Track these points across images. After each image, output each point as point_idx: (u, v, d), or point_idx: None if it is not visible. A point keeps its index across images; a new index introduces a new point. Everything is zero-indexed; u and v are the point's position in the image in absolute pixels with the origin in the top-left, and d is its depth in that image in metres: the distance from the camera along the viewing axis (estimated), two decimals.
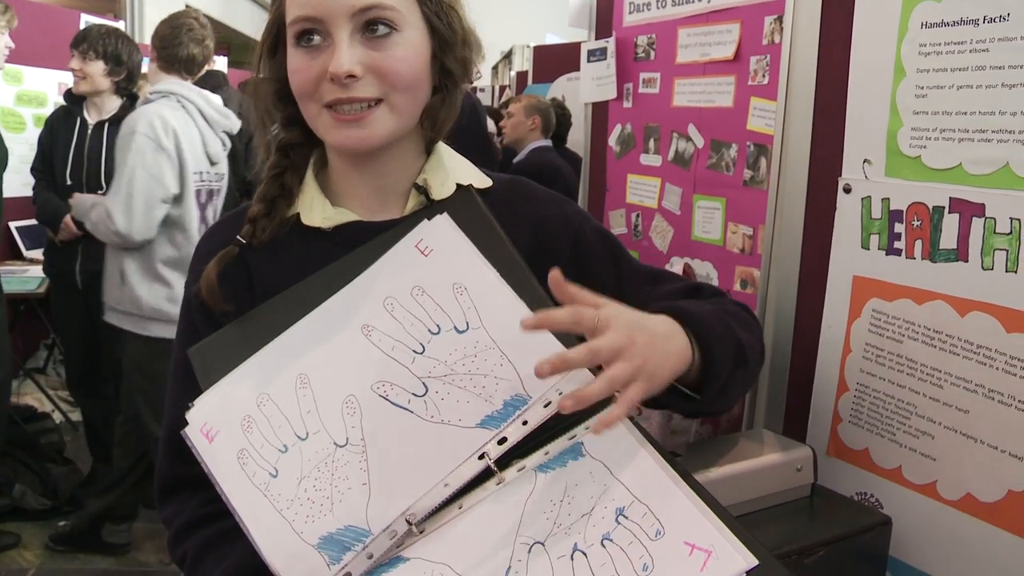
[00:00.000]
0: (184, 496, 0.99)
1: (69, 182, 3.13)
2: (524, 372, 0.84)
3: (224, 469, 0.87)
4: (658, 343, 0.78)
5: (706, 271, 2.59)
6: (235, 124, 2.91)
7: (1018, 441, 1.00)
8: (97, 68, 3.07)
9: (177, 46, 2.76)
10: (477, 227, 0.92)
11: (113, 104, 3.19)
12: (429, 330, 0.87)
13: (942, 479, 1.09)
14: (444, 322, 0.87)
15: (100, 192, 3.09)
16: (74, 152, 3.14)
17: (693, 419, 1.02)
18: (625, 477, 0.77)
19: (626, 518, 0.74)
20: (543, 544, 0.75)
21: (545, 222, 1.02)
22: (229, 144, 2.90)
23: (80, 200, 2.82)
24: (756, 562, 0.67)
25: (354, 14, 0.88)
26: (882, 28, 1.12)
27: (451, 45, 0.96)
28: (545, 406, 0.82)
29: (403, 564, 0.80)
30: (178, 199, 2.63)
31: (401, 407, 0.85)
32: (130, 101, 3.22)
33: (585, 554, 0.73)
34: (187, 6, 6.22)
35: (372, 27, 0.89)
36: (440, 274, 0.89)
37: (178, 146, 2.59)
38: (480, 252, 0.90)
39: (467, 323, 0.87)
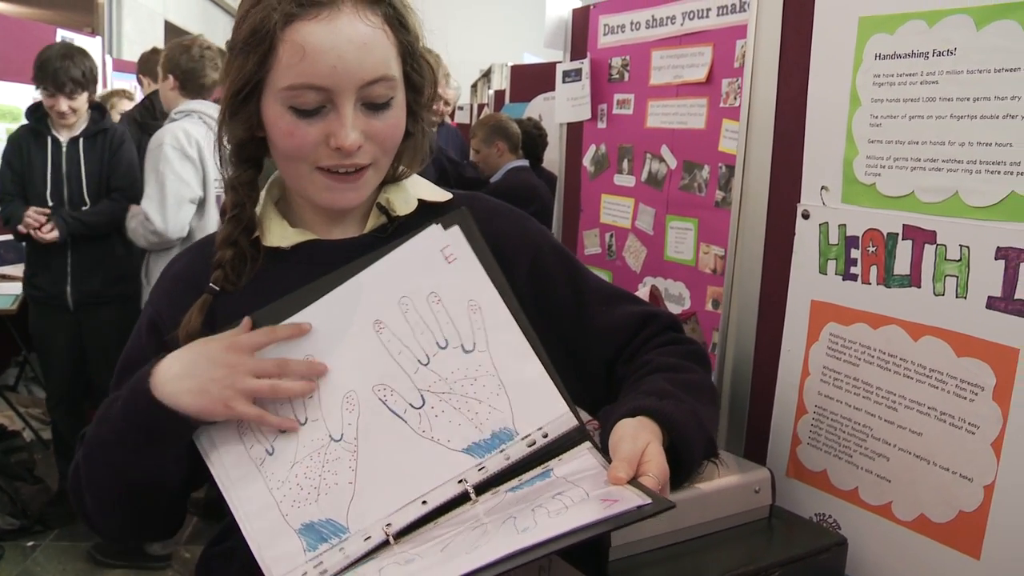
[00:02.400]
0: None
1: (51, 203, 3.13)
2: (516, 407, 0.89)
3: (222, 438, 0.90)
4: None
5: (679, 291, 2.61)
6: None
7: (968, 463, 1.02)
8: (83, 100, 3.15)
9: (203, 77, 3.02)
10: (480, 254, 0.95)
11: (84, 119, 3.20)
12: (437, 343, 0.91)
13: (897, 500, 1.11)
14: (453, 338, 0.91)
15: (83, 208, 3.11)
16: (52, 172, 3.13)
17: None
18: (583, 483, 0.82)
19: (561, 494, 0.80)
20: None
21: (504, 238, 1.04)
22: None
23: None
24: (650, 500, 0.74)
25: (363, 86, 0.90)
26: (838, 58, 1.15)
27: (422, 93, 1.00)
28: (529, 445, 0.88)
29: (372, 560, 0.84)
30: (201, 205, 2.94)
31: (397, 415, 0.89)
32: (99, 113, 3.26)
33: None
34: (166, 22, 6.22)
35: (376, 99, 0.92)
36: (458, 287, 0.92)
37: (201, 155, 2.89)
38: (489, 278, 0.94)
39: (474, 344, 0.91)
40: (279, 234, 1.00)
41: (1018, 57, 0.96)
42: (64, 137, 3.16)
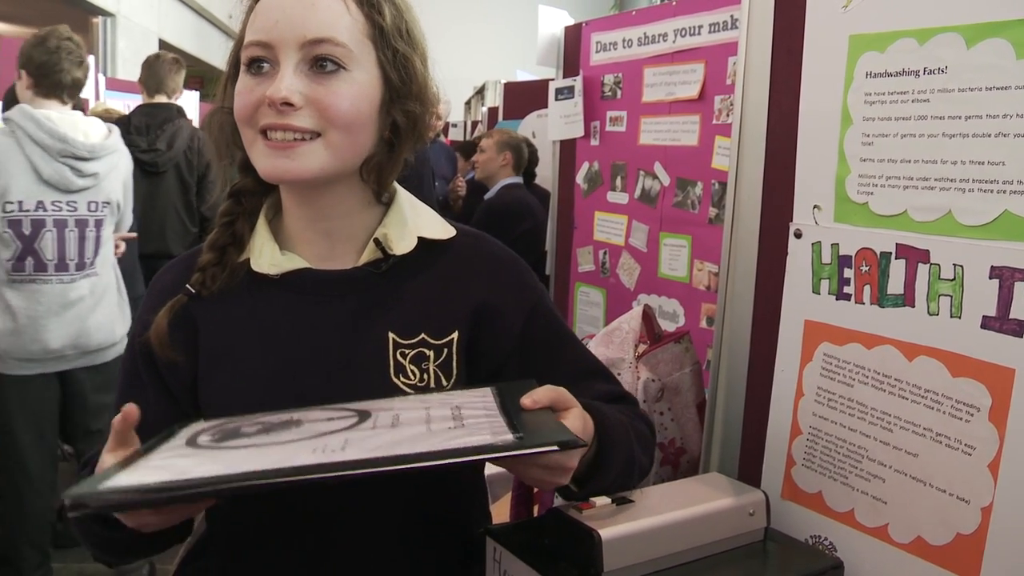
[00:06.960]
0: None
1: None
2: None
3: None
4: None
5: (672, 308, 2.61)
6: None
7: (965, 485, 1.01)
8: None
9: (58, 72, 2.58)
10: None
11: None
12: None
13: (893, 522, 1.09)
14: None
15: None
16: None
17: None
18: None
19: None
20: None
21: (503, 286, 1.03)
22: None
23: None
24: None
25: (304, 44, 0.89)
26: (829, 76, 1.14)
27: (402, 97, 0.96)
28: None
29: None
30: None
31: None
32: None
33: None
34: (160, 41, 6.23)
35: (321, 63, 0.90)
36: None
37: None
38: None
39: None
40: (268, 260, 0.98)
41: (1009, 75, 0.95)
42: None
